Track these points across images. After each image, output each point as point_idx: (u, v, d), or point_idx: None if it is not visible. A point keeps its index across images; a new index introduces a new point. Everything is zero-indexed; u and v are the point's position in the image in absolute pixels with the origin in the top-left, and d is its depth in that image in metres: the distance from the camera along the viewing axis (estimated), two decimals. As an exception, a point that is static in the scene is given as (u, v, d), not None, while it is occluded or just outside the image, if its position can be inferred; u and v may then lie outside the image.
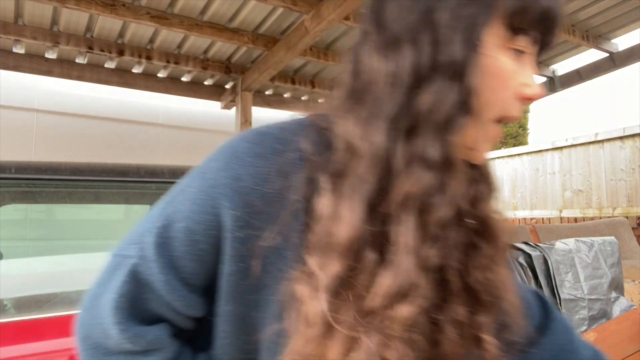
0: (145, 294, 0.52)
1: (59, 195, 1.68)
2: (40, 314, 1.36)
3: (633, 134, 5.84)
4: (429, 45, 0.47)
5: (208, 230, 0.50)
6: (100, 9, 3.14)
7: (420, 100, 0.46)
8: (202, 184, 0.51)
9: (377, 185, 0.46)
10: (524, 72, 0.51)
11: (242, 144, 0.51)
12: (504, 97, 0.50)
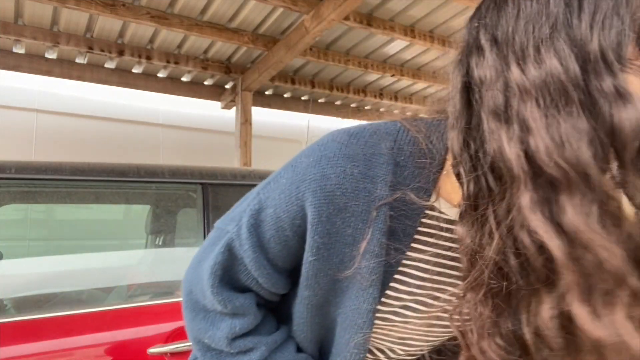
0: (238, 266, 0.58)
1: (59, 195, 1.68)
2: (40, 314, 1.36)
3: (633, 134, 5.85)
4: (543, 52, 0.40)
5: (293, 220, 0.54)
6: (100, 9, 3.14)
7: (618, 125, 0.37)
8: (292, 176, 0.54)
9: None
10: None
11: (333, 144, 0.53)
12: None
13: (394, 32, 3.71)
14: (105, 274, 1.95)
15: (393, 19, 3.69)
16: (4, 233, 1.66)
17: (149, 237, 2.13)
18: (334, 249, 0.53)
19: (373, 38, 4.04)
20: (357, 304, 0.54)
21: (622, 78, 0.38)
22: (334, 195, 0.51)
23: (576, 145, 0.37)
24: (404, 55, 4.46)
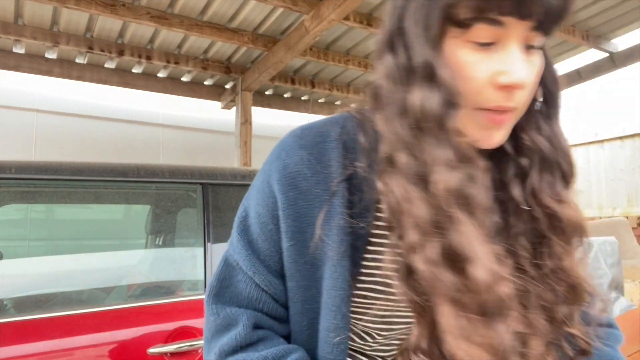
0: (235, 275, 0.63)
1: (59, 195, 1.68)
2: (40, 314, 1.36)
3: (633, 134, 5.84)
4: (403, 49, 0.53)
5: (272, 212, 0.60)
6: (100, 9, 3.14)
7: (411, 104, 0.52)
8: (262, 175, 0.63)
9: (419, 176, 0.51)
10: (498, 61, 0.51)
11: (289, 138, 0.61)
12: (475, 88, 0.52)
13: (394, 32, 3.71)
14: (105, 274, 1.95)
15: (393, 19, 3.70)
16: (4, 233, 1.66)
17: (149, 237, 2.13)
18: (307, 233, 0.58)
19: (373, 38, 4.04)
20: (332, 282, 0.58)
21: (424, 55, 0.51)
22: (295, 180, 0.58)
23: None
24: (404, 55, 4.46)
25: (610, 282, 3.27)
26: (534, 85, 0.54)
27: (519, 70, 0.50)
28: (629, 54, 4.20)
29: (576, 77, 4.68)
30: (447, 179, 0.49)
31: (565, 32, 3.86)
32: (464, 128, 0.53)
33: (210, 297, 0.64)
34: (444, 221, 0.49)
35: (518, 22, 0.50)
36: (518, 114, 0.55)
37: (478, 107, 0.53)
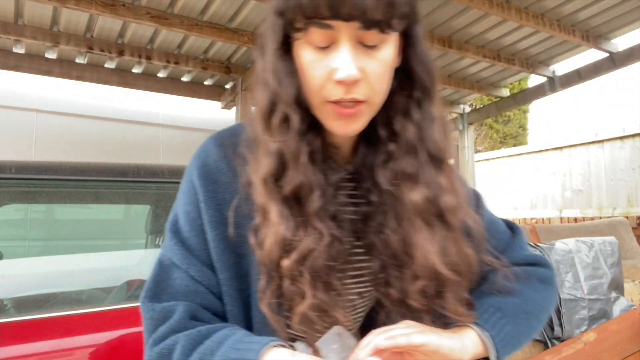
0: (170, 273, 0.67)
1: (59, 195, 1.68)
2: (40, 314, 1.36)
3: (633, 134, 5.84)
4: (261, 55, 0.63)
5: (197, 207, 0.66)
6: (100, 9, 3.14)
7: (259, 102, 0.62)
8: (186, 177, 0.69)
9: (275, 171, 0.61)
10: (332, 59, 0.57)
11: (207, 141, 0.69)
12: (317, 84, 0.59)
13: (394, 32, 3.70)
14: (105, 274, 1.95)
15: (393, 19, 3.69)
16: (4, 233, 1.66)
17: (149, 237, 2.13)
18: (226, 223, 0.64)
19: (373, 38, 4.04)
20: (250, 271, 0.64)
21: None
22: (215, 175, 0.66)
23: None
24: (404, 55, 4.46)
25: (610, 282, 3.28)
26: (380, 76, 0.60)
27: (348, 67, 0.56)
28: (629, 54, 4.20)
29: (576, 77, 4.68)
30: (266, 165, 0.60)
31: (565, 32, 3.86)
32: (323, 119, 0.62)
33: (146, 297, 0.66)
34: (261, 212, 0.61)
35: (345, 25, 0.55)
36: (373, 104, 0.61)
37: (325, 100, 0.59)
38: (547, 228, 3.83)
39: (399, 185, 0.63)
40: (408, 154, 0.64)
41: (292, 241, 0.59)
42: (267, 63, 0.62)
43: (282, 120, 0.61)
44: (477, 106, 8.02)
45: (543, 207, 7.01)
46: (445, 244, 0.62)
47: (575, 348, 2.28)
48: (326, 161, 0.66)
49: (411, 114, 0.65)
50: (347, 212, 0.67)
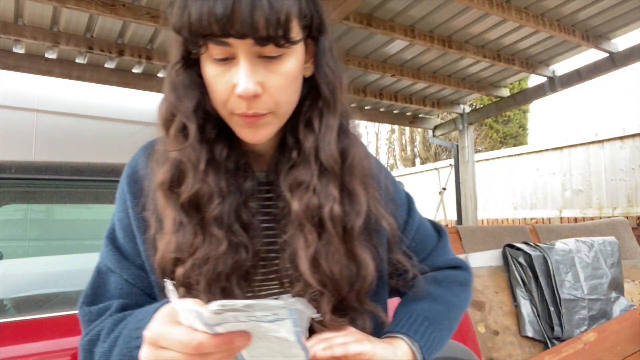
0: (107, 279, 0.70)
1: (59, 195, 1.68)
2: (40, 314, 1.36)
3: (633, 134, 5.84)
4: (170, 67, 0.65)
5: (127, 212, 0.69)
6: (100, 9, 3.14)
7: (159, 113, 0.65)
8: (119, 185, 0.72)
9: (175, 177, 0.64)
10: (234, 74, 0.59)
11: (138, 150, 0.73)
12: (221, 97, 0.61)
13: (394, 32, 3.71)
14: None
15: (393, 19, 3.69)
16: (4, 233, 1.66)
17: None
18: (148, 222, 0.66)
19: (373, 38, 4.04)
20: None
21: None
22: (138, 180, 0.69)
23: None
24: (404, 55, 4.46)
25: (610, 282, 3.28)
26: (282, 89, 0.60)
27: (246, 83, 0.57)
28: (629, 54, 4.20)
29: (576, 77, 4.68)
30: (163, 173, 0.63)
31: (565, 32, 3.87)
32: (233, 128, 0.64)
33: (83, 303, 0.69)
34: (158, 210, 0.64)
35: (239, 41, 0.56)
36: (278, 115, 0.63)
37: (230, 112, 0.61)
38: (547, 228, 3.83)
39: (293, 192, 0.65)
40: (304, 163, 0.66)
41: (187, 249, 0.61)
42: (168, 77, 0.65)
43: (179, 130, 0.63)
44: (477, 106, 8.02)
45: (543, 207, 7.01)
46: (323, 252, 0.64)
47: (575, 348, 2.28)
48: (240, 168, 0.68)
49: (312, 123, 0.66)
50: (259, 217, 0.68)
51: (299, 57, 0.62)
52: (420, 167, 10.34)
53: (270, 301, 0.46)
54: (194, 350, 0.47)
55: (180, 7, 0.59)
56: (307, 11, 0.61)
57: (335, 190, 0.65)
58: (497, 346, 2.82)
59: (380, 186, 0.75)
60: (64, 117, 4.60)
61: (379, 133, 15.60)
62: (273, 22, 0.55)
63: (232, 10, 0.54)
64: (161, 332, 0.49)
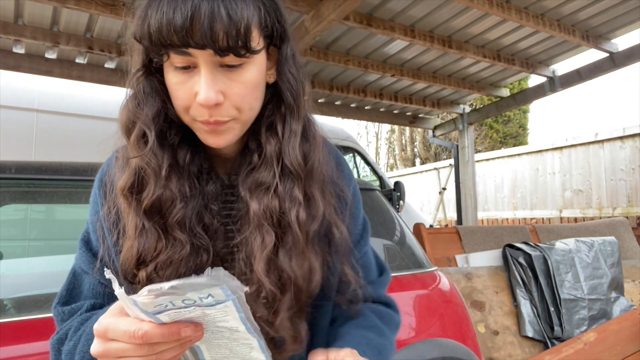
0: (82, 280, 0.73)
1: (59, 195, 1.68)
2: (40, 314, 1.36)
3: (633, 134, 5.84)
4: (131, 74, 0.66)
5: (99, 216, 0.70)
6: (100, 9, 3.14)
7: (119, 119, 0.67)
8: (92, 189, 0.74)
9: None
10: (195, 82, 0.59)
11: (110, 155, 0.75)
12: (183, 105, 0.61)
13: (394, 32, 3.71)
14: (105, 274, 1.94)
15: (393, 19, 3.69)
16: (4, 233, 1.66)
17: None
18: (118, 224, 0.67)
19: (373, 38, 4.04)
20: None
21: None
22: (108, 183, 0.70)
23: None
24: (404, 55, 4.46)
25: (610, 282, 3.28)
26: (244, 97, 0.61)
27: (207, 92, 0.58)
28: (629, 54, 4.20)
29: (576, 77, 4.68)
30: (125, 179, 0.64)
31: (565, 32, 3.86)
32: (196, 133, 0.65)
33: (58, 303, 0.71)
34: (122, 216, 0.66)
35: (200, 51, 0.57)
36: (240, 120, 0.63)
37: (193, 119, 0.62)
38: (547, 228, 3.83)
39: (252, 194, 0.66)
40: (266, 166, 0.67)
41: (150, 253, 0.62)
42: (129, 84, 0.66)
43: (139, 137, 0.64)
44: (477, 106, 8.02)
45: (543, 207, 7.01)
46: (281, 253, 0.64)
47: (575, 348, 2.28)
48: (204, 172, 0.69)
49: (276, 128, 0.67)
50: (220, 220, 0.69)
51: (260, 65, 0.63)
52: (420, 167, 10.34)
53: (193, 278, 0.46)
54: (140, 339, 0.48)
55: (141, 16, 0.58)
56: (268, 20, 0.62)
57: (300, 195, 0.66)
58: (497, 346, 2.82)
59: (339, 194, 0.75)
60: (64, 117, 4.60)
61: (379, 133, 15.59)
62: (232, 33, 0.55)
63: (191, 21, 0.54)
64: (108, 324, 0.51)
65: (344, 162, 0.82)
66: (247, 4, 0.57)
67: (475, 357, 1.93)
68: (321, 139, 0.73)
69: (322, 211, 0.69)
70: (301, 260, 0.65)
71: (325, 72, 4.77)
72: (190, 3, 0.54)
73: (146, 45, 0.58)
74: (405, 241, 2.13)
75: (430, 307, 1.95)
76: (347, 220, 0.75)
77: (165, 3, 0.55)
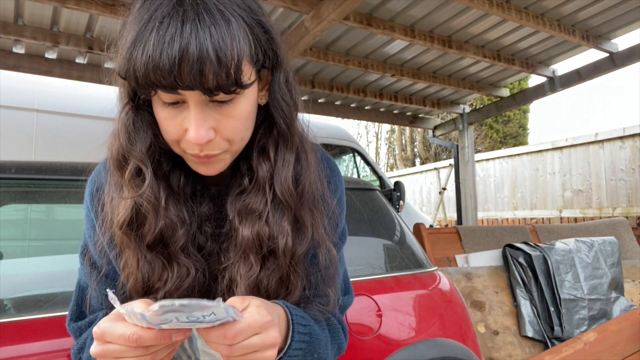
0: (87, 293, 0.73)
1: (59, 195, 1.68)
2: (40, 314, 1.36)
3: (633, 134, 5.84)
4: (118, 104, 0.66)
5: (95, 230, 0.70)
6: (100, 9, 3.14)
7: (110, 150, 0.66)
8: (84, 202, 0.74)
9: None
10: (185, 118, 0.58)
11: (99, 164, 0.75)
12: (173, 139, 0.61)
13: (394, 32, 3.71)
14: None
15: (393, 19, 3.69)
16: (4, 233, 1.66)
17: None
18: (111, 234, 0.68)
19: (373, 38, 4.04)
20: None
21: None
22: (99, 195, 0.70)
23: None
24: (404, 55, 4.46)
25: (610, 282, 3.28)
26: (236, 130, 0.60)
27: (198, 131, 0.57)
28: (629, 54, 4.20)
29: (576, 77, 4.67)
30: (122, 215, 0.63)
31: (565, 32, 3.86)
32: (187, 162, 0.64)
33: (71, 320, 0.72)
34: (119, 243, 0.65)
35: (189, 92, 0.55)
36: (232, 151, 0.63)
37: (184, 151, 0.62)
38: (547, 228, 3.83)
39: (242, 219, 0.65)
40: (257, 191, 0.66)
41: (156, 282, 0.63)
42: (119, 115, 0.65)
43: (135, 174, 0.63)
44: (477, 106, 8.02)
45: (543, 207, 7.01)
46: (263, 280, 0.64)
47: (575, 348, 2.28)
48: (197, 194, 0.69)
49: (267, 152, 0.66)
50: (212, 242, 0.69)
51: (252, 95, 0.61)
52: (420, 167, 10.34)
53: (205, 301, 0.48)
54: (134, 342, 0.51)
55: (125, 57, 0.54)
56: (259, 50, 0.59)
57: (288, 225, 0.66)
58: (497, 346, 2.82)
59: (326, 205, 0.74)
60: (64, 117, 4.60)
61: (379, 133, 15.59)
62: (222, 75, 0.53)
63: (179, 65, 0.52)
64: (106, 328, 0.53)
65: (334, 168, 0.80)
66: (237, 37, 0.54)
67: (475, 357, 1.93)
68: (313, 157, 0.71)
69: (311, 234, 0.68)
70: (282, 281, 0.66)
71: (325, 72, 4.77)
72: (177, 45, 0.51)
73: (132, 85, 0.56)
74: (405, 241, 2.13)
75: (430, 307, 1.95)
76: (332, 232, 0.75)
77: (150, 45, 0.52)
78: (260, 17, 0.60)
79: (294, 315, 0.64)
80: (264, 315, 0.55)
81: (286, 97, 0.66)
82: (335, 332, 0.77)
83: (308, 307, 0.72)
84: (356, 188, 2.03)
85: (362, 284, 1.79)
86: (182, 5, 0.53)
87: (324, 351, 0.70)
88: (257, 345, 0.53)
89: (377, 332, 1.73)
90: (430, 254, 3.10)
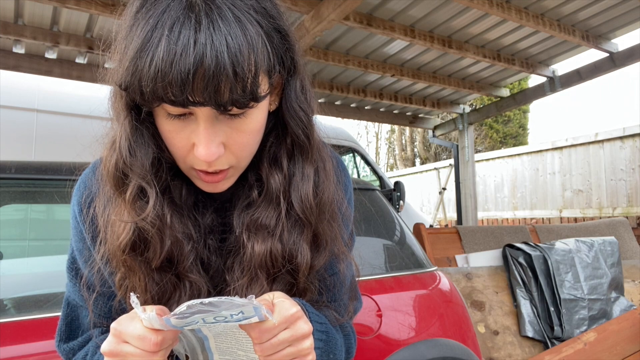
0: (79, 313, 0.68)
1: (59, 195, 1.68)
2: (40, 314, 1.36)
3: (633, 134, 5.84)
4: (115, 117, 0.60)
5: (83, 239, 0.65)
6: (100, 9, 3.14)
7: (106, 165, 0.60)
8: (71, 212, 0.69)
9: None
10: (192, 132, 0.53)
11: (86, 170, 0.72)
12: (179, 153, 0.55)
13: (394, 32, 3.71)
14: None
15: (393, 19, 3.69)
16: (4, 233, 1.66)
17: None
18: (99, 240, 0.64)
19: (373, 38, 4.04)
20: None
21: None
22: (88, 204, 0.65)
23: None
24: (404, 55, 4.46)
25: (610, 282, 3.28)
26: (246, 145, 0.55)
27: (206, 148, 0.52)
28: (629, 54, 4.20)
29: (576, 77, 4.67)
30: (123, 238, 0.57)
31: (565, 32, 3.86)
32: (191, 179, 0.59)
33: (61, 341, 0.67)
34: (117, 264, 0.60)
35: (199, 108, 0.50)
36: (239, 167, 0.58)
37: (190, 167, 0.57)
38: (547, 228, 3.83)
39: (252, 235, 0.60)
40: (268, 205, 0.60)
41: (166, 301, 0.59)
42: (119, 129, 0.57)
43: (138, 196, 0.56)
44: (477, 106, 8.02)
45: (543, 207, 7.01)
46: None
47: (575, 348, 2.28)
48: (199, 204, 0.64)
49: (280, 162, 0.61)
50: (217, 257, 0.64)
51: (264, 105, 0.56)
52: (420, 167, 10.34)
53: (236, 298, 0.46)
54: (152, 348, 0.48)
55: (129, 68, 0.48)
56: (276, 59, 0.54)
57: (307, 244, 0.60)
58: (497, 346, 2.82)
59: (346, 217, 0.71)
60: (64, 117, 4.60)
61: (379, 133, 15.59)
62: (238, 90, 0.48)
63: (193, 79, 0.46)
64: (125, 327, 0.50)
65: (343, 167, 0.75)
66: (254, 47, 0.48)
67: (475, 357, 1.93)
68: (330, 165, 0.66)
69: (329, 250, 0.63)
70: (293, 295, 0.62)
71: (325, 72, 4.77)
72: (192, 57, 0.45)
73: (135, 98, 0.50)
74: (405, 241, 2.13)
75: (430, 307, 1.95)
76: (344, 234, 0.72)
77: (159, 55, 0.46)
78: (278, 22, 0.54)
79: (311, 313, 0.61)
80: (288, 307, 0.51)
81: (304, 105, 0.61)
82: (347, 336, 0.73)
83: (322, 310, 0.68)
84: (356, 188, 2.03)
85: (362, 284, 1.79)
86: (193, 10, 0.47)
87: (340, 353, 0.66)
88: (288, 339, 0.50)
89: (377, 332, 1.73)
90: (430, 254, 3.09)
